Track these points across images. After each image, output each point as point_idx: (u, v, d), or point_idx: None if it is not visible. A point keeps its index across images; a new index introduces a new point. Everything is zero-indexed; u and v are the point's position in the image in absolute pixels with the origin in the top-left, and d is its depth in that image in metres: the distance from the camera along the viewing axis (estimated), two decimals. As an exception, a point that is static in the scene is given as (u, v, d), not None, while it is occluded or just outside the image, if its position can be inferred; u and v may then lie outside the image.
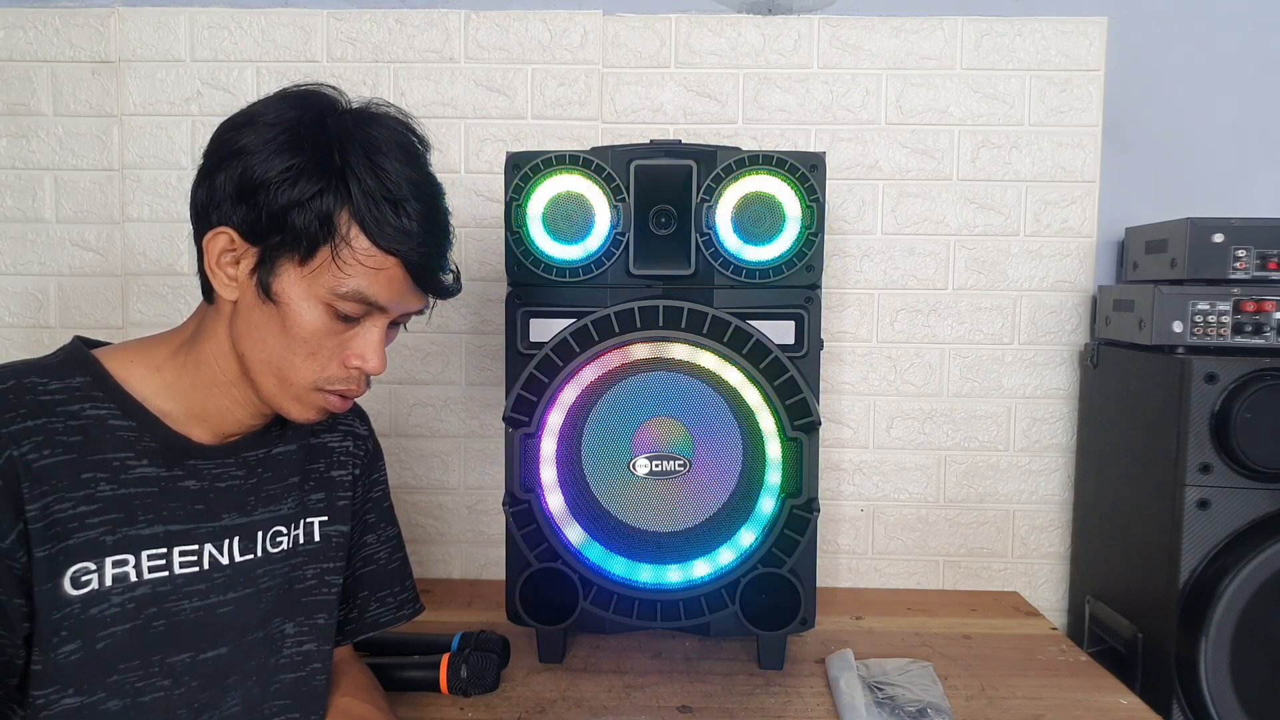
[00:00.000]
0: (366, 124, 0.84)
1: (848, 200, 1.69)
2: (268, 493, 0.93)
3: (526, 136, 1.69)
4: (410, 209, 0.82)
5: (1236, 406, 1.28)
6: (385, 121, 0.86)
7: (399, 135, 0.86)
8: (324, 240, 0.80)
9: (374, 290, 0.83)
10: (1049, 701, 1.23)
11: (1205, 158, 1.70)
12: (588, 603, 1.27)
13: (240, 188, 0.81)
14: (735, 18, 1.67)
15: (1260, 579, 1.28)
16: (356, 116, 0.85)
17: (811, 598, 1.28)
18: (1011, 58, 1.67)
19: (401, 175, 0.83)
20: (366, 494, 1.08)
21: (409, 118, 0.90)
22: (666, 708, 1.19)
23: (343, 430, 1.05)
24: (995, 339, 1.71)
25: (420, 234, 0.83)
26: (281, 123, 0.82)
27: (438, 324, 1.71)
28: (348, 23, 1.68)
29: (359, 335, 0.86)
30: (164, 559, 0.84)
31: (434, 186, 0.88)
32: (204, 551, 0.87)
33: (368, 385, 0.90)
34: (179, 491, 0.86)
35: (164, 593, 0.83)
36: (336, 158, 0.81)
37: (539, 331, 1.26)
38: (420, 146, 0.89)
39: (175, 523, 0.85)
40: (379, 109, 0.88)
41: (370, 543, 1.09)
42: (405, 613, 1.13)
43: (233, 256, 0.82)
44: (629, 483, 1.27)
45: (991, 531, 1.74)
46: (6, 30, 1.67)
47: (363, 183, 0.81)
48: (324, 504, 0.99)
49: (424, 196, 0.85)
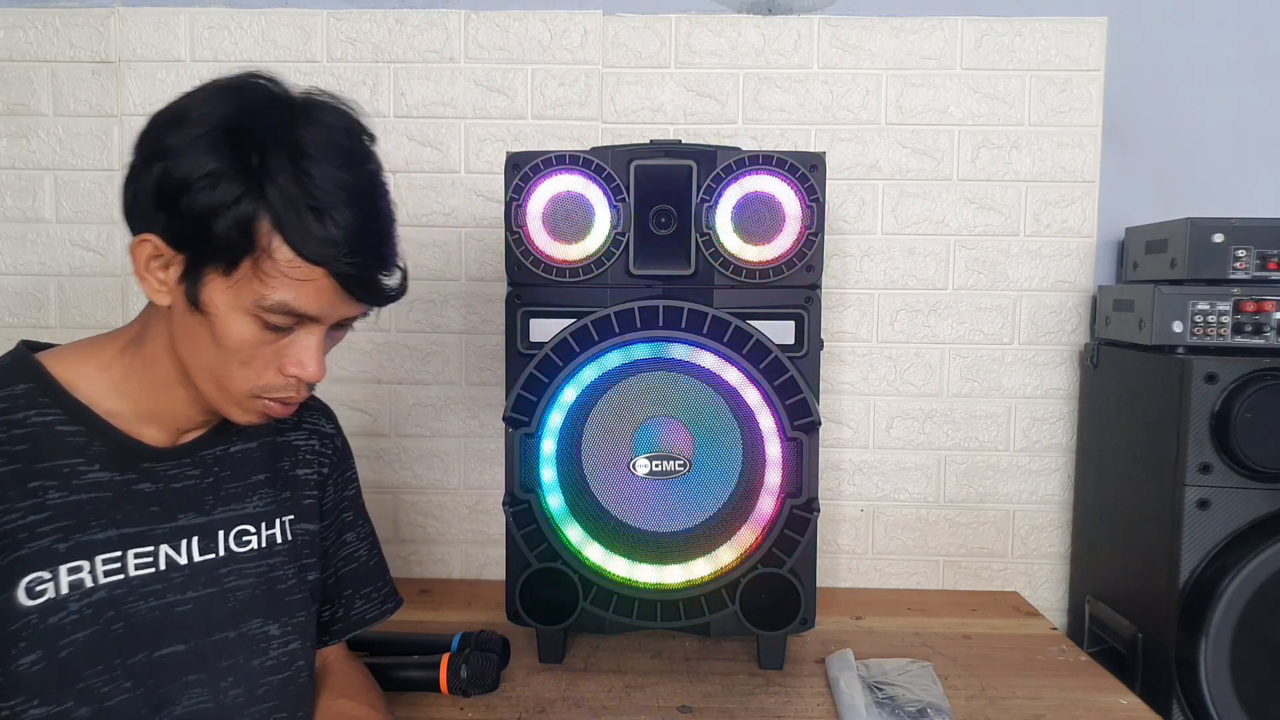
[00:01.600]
0: (297, 122, 0.79)
1: (848, 200, 1.69)
2: (228, 492, 0.92)
3: (526, 136, 1.69)
4: (338, 217, 0.77)
5: (1236, 406, 1.28)
6: (319, 118, 0.81)
7: (331, 134, 0.80)
8: (245, 251, 0.76)
9: (302, 302, 0.79)
10: (1049, 701, 1.23)
11: (1205, 158, 1.70)
12: (588, 603, 1.27)
13: (160, 192, 0.77)
14: (735, 18, 1.67)
15: (1260, 579, 1.28)
16: (289, 113, 0.80)
17: (811, 598, 1.28)
18: (1011, 58, 1.67)
19: (330, 179, 0.77)
20: (341, 492, 1.07)
21: (351, 110, 0.84)
22: (666, 708, 1.19)
23: (308, 428, 1.03)
24: (995, 339, 1.71)
25: (349, 243, 0.78)
26: (208, 120, 0.77)
27: (438, 324, 1.71)
28: (348, 23, 1.68)
29: (296, 342, 0.82)
30: (119, 562, 0.82)
31: (370, 189, 0.82)
32: (160, 553, 0.85)
33: (310, 389, 0.87)
34: (133, 495, 0.84)
35: (120, 595, 0.82)
36: (256, 161, 0.76)
37: (539, 331, 1.26)
38: (360, 143, 0.83)
39: (130, 526, 0.84)
40: (317, 101, 0.83)
41: (350, 541, 1.08)
42: (389, 606, 1.13)
43: (161, 262, 0.79)
44: (629, 483, 1.27)
45: (991, 531, 1.74)
46: (6, 30, 1.67)
47: (284, 189, 0.75)
48: (291, 502, 0.98)
49: (356, 201, 0.79)
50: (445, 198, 1.69)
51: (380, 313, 0.90)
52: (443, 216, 1.70)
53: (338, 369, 1.71)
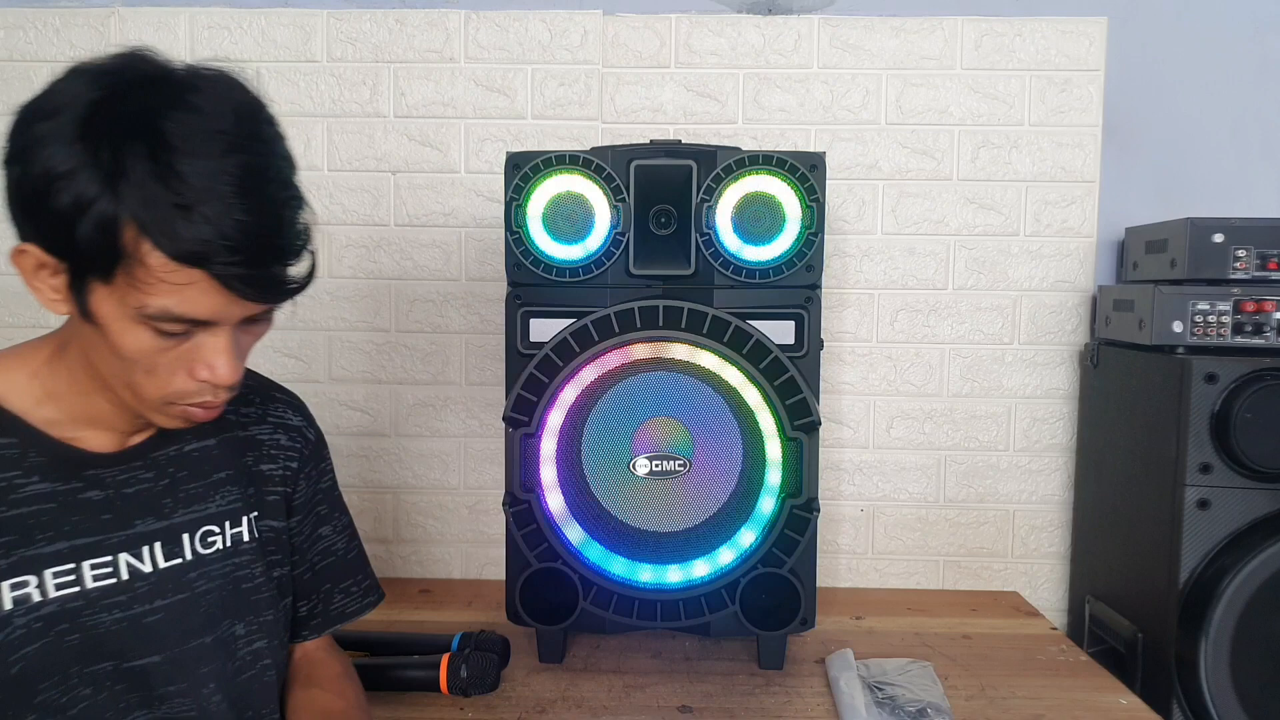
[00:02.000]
0: (166, 106, 0.70)
1: (848, 200, 1.69)
2: (188, 492, 0.88)
3: (526, 136, 1.69)
4: (208, 211, 0.69)
5: (1236, 406, 1.28)
6: (193, 100, 0.71)
7: (205, 118, 0.71)
8: (115, 257, 0.69)
9: (187, 308, 0.72)
10: (1049, 701, 1.23)
11: (1205, 158, 1.70)
12: (588, 603, 1.27)
13: (21, 195, 0.71)
14: (735, 18, 1.67)
15: (1260, 579, 1.28)
16: (157, 97, 0.71)
17: (811, 598, 1.28)
18: (1011, 58, 1.67)
19: (199, 171, 0.69)
20: (315, 485, 1.03)
21: (243, 85, 0.76)
22: (666, 708, 1.19)
23: (273, 422, 0.99)
24: (995, 339, 1.71)
25: (227, 239, 0.70)
26: (74, 106, 0.70)
27: (438, 324, 1.71)
28: (348, 23, 1.68)
29: (202, 345, 0.76)
30: (73, 574, 0.79)
31: (256, 175, 0.72)
32: (120, 562, 0.82)
33: (231, 391, 0.81)
34: (81, 504, 0.81)
35: (76, 608, 0.79)
36: (108, 157, 0.68)
37: (539, 331, 1.26)
38: (246, 125, 0.74)
39: (81, 536, 0.80)
40: (199, 78, 0.74)
41: (327, 535, 1.05)
42: (370, 600, 1.09)
43: (49, 270, 0.73)
44: (629, 483, 1.27)
45: (991, 531, 1.74)
46: (6, 30, 1.68)
47: (142, 186, 0.68)
48: (255, 498, 0.95)
49: (234, 192, 0.70)
50: (445, 198, 1.69)
51: (379, 312, 0.88)
52: (443, 216, 1.70)
53: (338, 369, 1.72)
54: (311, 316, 1.70)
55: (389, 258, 1.70)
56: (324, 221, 1.70)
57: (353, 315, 1.71)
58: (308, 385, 1.70)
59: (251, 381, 0.99)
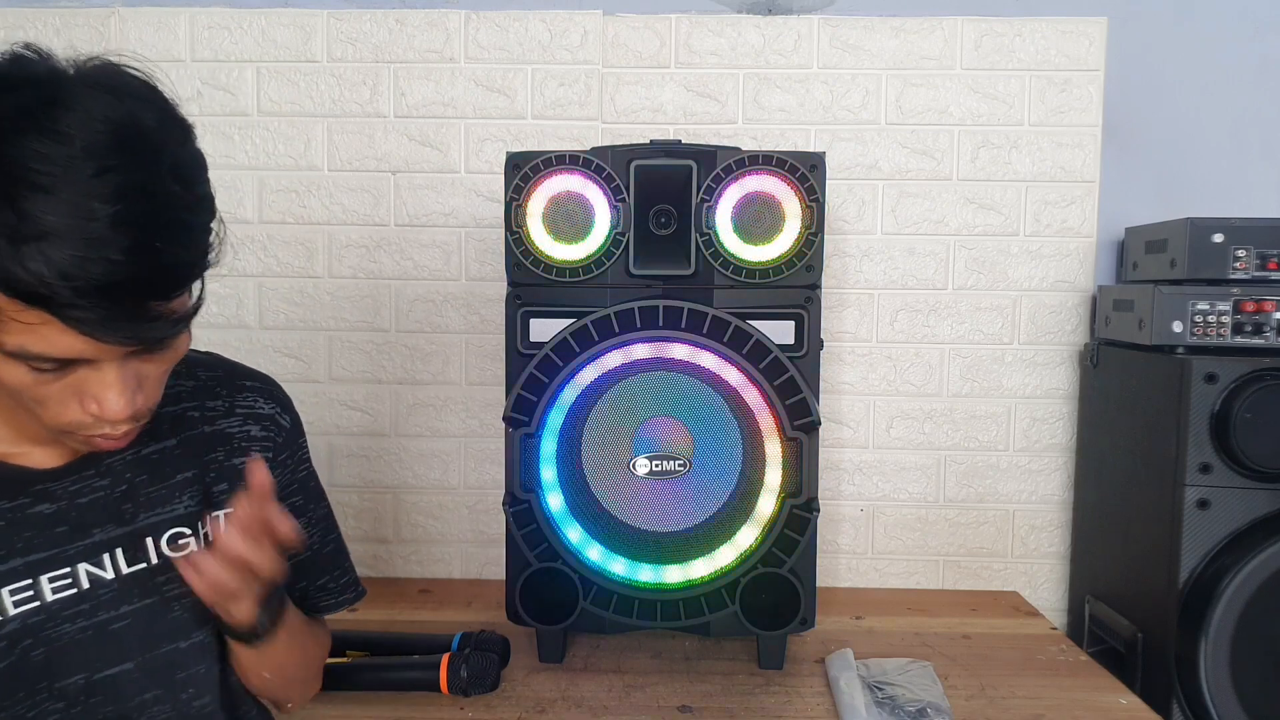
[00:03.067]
0: (25, 126, 0.63)
1: (848, 200, 1.70)
2: (149, 496, 0.85)
3: (526, 136, 1.69)
4: (50, 250, 0.61)
5: (1236, 406, 1.28)
6: (58, 122, 0.63)
7: (63, 146, 0.63)
8: None
9: (44, 347, 0.65)
10: (1049, 701, 1.23)
11: (1205, 158, 1.70)
12: (588, 603, 1.27)
13: None
14: (735, 18, 1.67)
15: (1260, 579, 1.28)
16: (18, 115, 0.63)
17: (811, 598, 1.28)
18: (1011, 58, 1.67)
19: (48, 204, 0.61)
20: (291, 474, 0.98)
21: (130, 93, 0.68)
22: (666, 708, 1.19)
23: (242, 413, 0.93)
24: (995, 339, 1.71)
25: (71, 281, 0.62)
26: None
27: (438, 324, 1.71)
28: (348, 23, 1.68)
29: (87, 378, 0.70)
30: (30, 589, 0.77)
31: (126, 204, 0.63)
32: (79, 572, 0.80)
33: (134, 422, 0.75)
34: (31, 520, 0.78)
35: (38, 623, 0.77)
36: None
37: (539, 331, 1.26)
38: (125, 144, 0.65)
39: (36, 552, 0.78)
40: (73, 91, 0.65)
41: (303, 526, 0.98)
42: (347, 597, 1.04)
43: None
44: (629, 483, 1.27)
45: (991, 531, 1.74)
46: (6, 30, 1.67)
47: None
48: (227, 495, 0.90)
49: (93, 228, 0.62)
50: (445, 198, 1.69)
51: (379, 312, 0.84)
52: (443, 216, 1.70)
53: (338, 369, 1.72)
54: (311, 316, 1.71)
55: (389, 258, 1.70)
56: (324, 221, 1.70)
57: (353, 315, 1.71)
58: (308, 385, 1.70)
59: (218, 372, 0.95)
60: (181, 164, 0.70)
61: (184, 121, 0.73)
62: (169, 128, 0.70)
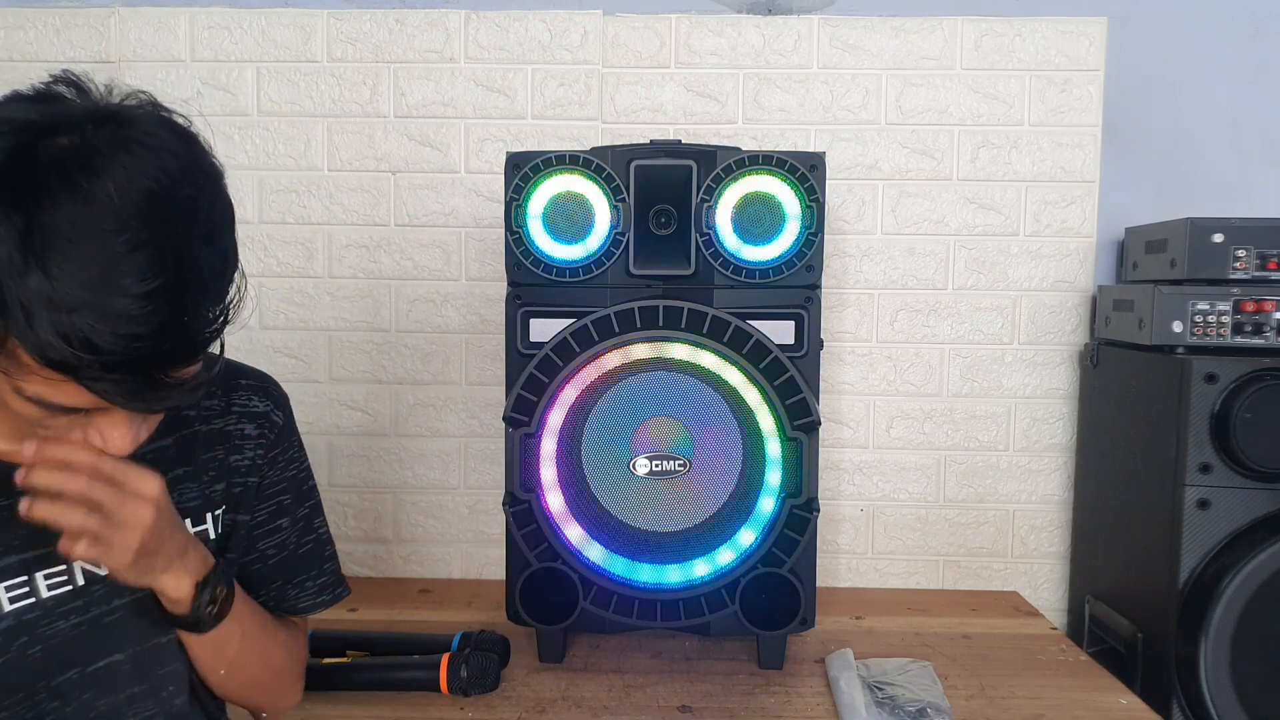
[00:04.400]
0: (59, 188, 0.61)
1: (848, 200, 1.70)
2: None
3: (526, 136, 1.69)
4: (78, 320, 0.60)
5: (1236, 406, 1.28)
6: (93, 187, 0.61)
7: (95, 214, 0.61)
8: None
9: (63, 399, 0.66)
10: (1049, 701, 1.23)
11: (1205, 158, 1.70)
12: (588, 603, 1.27)
13: None
14: (735, 18, 1.67)
15: (1260, 579, 1.28)
16: (54, 173, 0.62)
17: (811, 598, 1.28)
18: (1011, 58, 1.67)
19: (76, 273, 0.60)
20: (281, 473, 0.97)
21: (170, 153, 0.67)
22: (666, 708, 1.19)
23: (237, 411, 0.93)
24: (995, 339, 1.71)
25: (98, 353, 0.62)
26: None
27: (438, 324, 1.71)
28: (348, 23, 1.68)
29: (99, 416, 0.71)
30: (26, 586, 0.78)
31: (153, 276, 0.62)
32: (74, 568, 0.80)
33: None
34: None
35: (33, 619, 0.78)
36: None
37: (539, 331, 1.26)
38: (157, 213, 0.64)
39: (31, 549, 0.78)
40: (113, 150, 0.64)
41: (285, 527, 0.98)
42: (325, 598, 1.02)
43: None
44: (629, 483, 1.27)
45: (991, 531, 1.74)
46: (6, 30, 1.67)
47: (10, 278, 0.60)
48: (223, 493, 0.91)
49: (117, 300, 0.61)
50: (445, 198, 1.69)
51: (379, 312, 0.84)
52: (443, 216, 1.70)
53: (338, 369, 1.72)
54: (311, 316, 1.71)
55: (389, 258, 1.70)
56: (324, 221, 1.70)
57: (353, 315, 1.71)
58: (308, 385, 1.70)
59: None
60: (213, 225, 0.69)
61: (216, 172, 0.72)
62: (203, 188, 0.69)
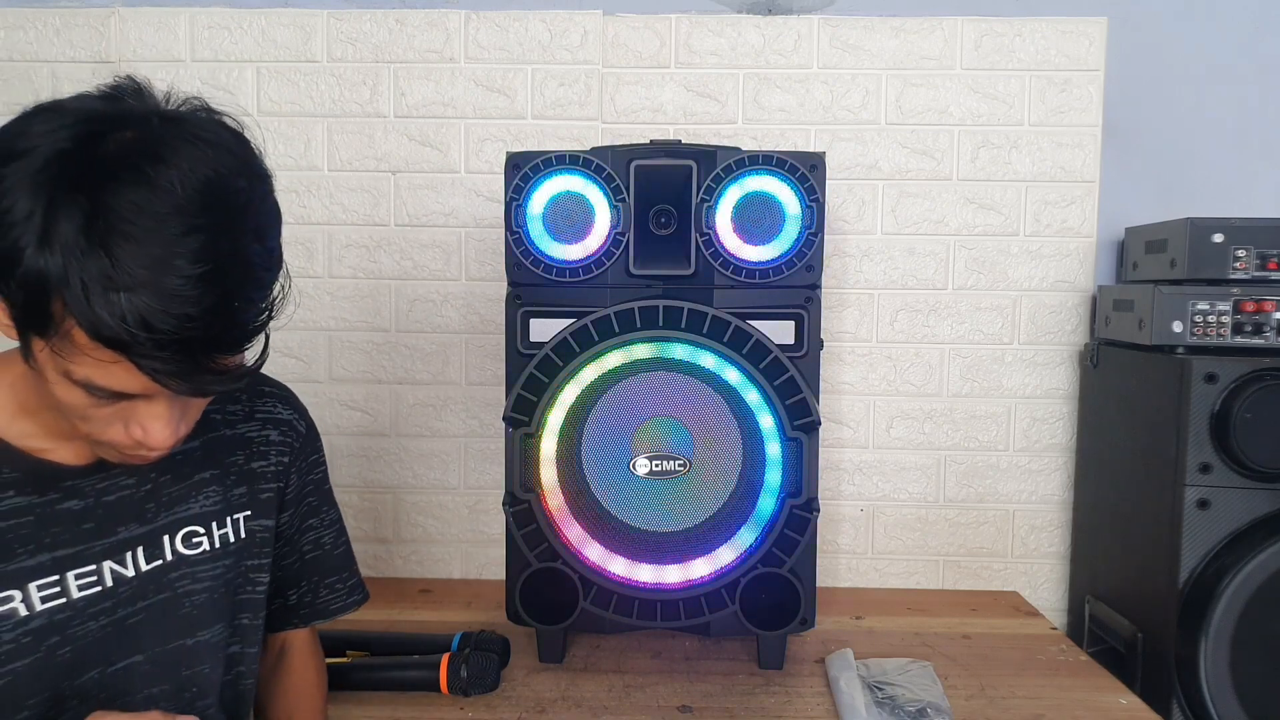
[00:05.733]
0: (123, 174, 0.65)
1: (848, 200, 1.70)
2: (170, 495, 0.87)
3: (526, 136, 1.69)
4: (136, 300, 0.63)
5: (1236, 406, 1.28)
6: (156, 175, 0.65)
7: (158, 199, 0.65)
8: (45, 319, 0.65)
9: (111, 383, 0.68)
10: (1049, 701, 1.23)
11: (1205, 158, 1.70)
12: (588, 603, 1.27)
13: None
14: (735, 18, 1.67)
15: (1260, 579, 1.28)
16: (118, 161, 0.65)
17: (811, 598, 1.28)
18: (1011, 58, 1.67)
19: (136, 254, 0.63)
20: (305, 478, 1.01)
21: (227, 150, 0.70)
22: (666, 708, 1.19)
23: (261, 417, 0.96)
24: (995, 339, 1.71)
25: (154, 333, 0.64)
26: (39, 151, 0.65)
27: (438, 324, 1.71)
28: (348, 23, 1.68)
29: (138, 408, 0.73)
30: (58, 585, 0.78)
31: (209, 262, 0.65)
32: (104, 570, 0.81)
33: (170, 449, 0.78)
34: (60, 515, 0.79)
35: (64, 620, 0.79)
36: (48, 218, 0.63)
37: (539, 331, 1.26)
38: (215, 204, 0.67)
39: (63, 548, 0.79)
40: (175, 143, 0.67)
41: (315, 527, 1.03)
42: (355, 599, 1.08)
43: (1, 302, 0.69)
44: (629, 483, 1.27)
45: (991, 531, 1.74)
46: (6, 30, 1.67)
47: (71, 259, 0.63)
48: (246, 498, 0.93)
49: (173, 282, 0.64)
50: (445, 198, 1.69)
51: (379, 312, 0.85)
52: (443, 216, 1.70)
53: (338, 369, 1.72)
54: (311, 316, 1.71)
55: (389, 258, 1.70)
56: (324, 221, 1.70)
57: (353, 315, 1.71)
58: (308, 385, 1.70)
59: None
60: (263, 223, 0.72)
61: (266, 174, 0.74)
62: (255, 185, 0.72)
